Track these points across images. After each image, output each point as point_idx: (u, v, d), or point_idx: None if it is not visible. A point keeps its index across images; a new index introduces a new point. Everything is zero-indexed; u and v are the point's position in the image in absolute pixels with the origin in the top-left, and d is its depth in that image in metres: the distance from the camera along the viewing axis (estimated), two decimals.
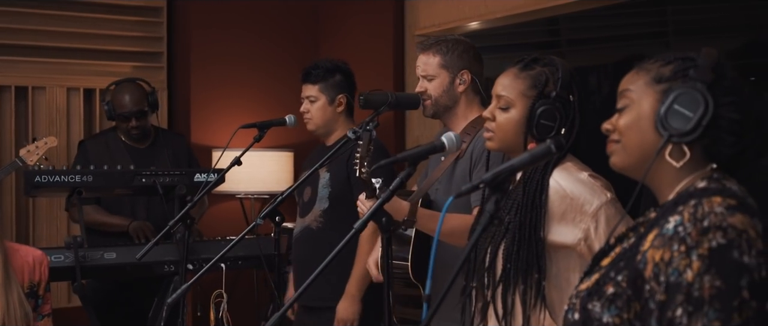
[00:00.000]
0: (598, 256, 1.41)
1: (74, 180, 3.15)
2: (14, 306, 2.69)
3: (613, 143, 1.47)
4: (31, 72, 4.39)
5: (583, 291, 1.33)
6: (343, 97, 3.21)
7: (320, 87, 3.21)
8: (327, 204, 3.15)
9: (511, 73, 2.06)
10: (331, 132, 3.25)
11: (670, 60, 1.36)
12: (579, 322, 1.31)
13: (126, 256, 3.27)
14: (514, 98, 2.02)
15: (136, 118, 3.70)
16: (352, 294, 3.03)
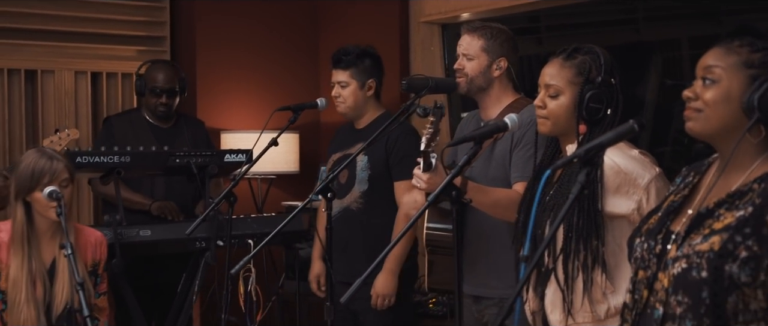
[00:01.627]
0: (703, 216, 1.63)
1: (113, 161, 3.27)
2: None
3: (693, 110, 1.67)
4: (39, 55, 4.45)
5: (705, 251, 1.55)
6: (372, 82, 3.36)
7: (351, 72, 3.35)
8: (367, 185, 3.30)
9: (557, 63, 2.28)
10: (361, 115, 3.40)
11: (759, 48, 1.59)
12: (709, 280, 1.52)
13: (160, 233, 3.41)
14: (562, 86, 2.24)
15: (167, 96, 3.84)
16: (390, 270, 3.20)
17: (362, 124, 3.43)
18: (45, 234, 2.85)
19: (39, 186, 2.77)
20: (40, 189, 2.77)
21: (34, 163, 2.80)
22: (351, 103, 3.37)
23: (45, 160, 2.81)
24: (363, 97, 3.37)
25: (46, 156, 2.84)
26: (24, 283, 2.77)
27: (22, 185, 2.80)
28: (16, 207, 2.82)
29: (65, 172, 2.81)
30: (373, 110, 3.40)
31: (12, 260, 2.78)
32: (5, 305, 2.78)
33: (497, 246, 2.73)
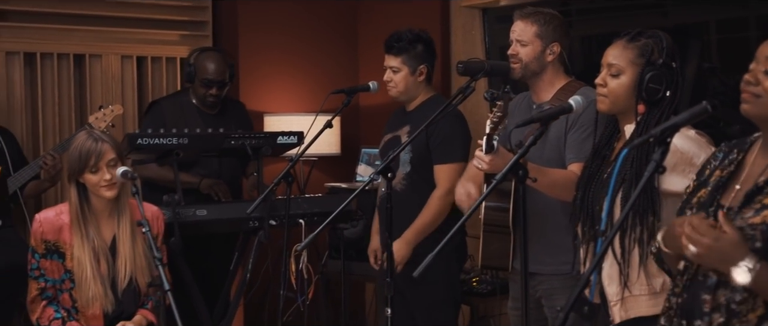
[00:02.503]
0: (754, 192, 1.72)
1: (172, 143, 3.38)
2: (140, 257, 2.95)
3: (751, 95, 1.75)
4: (87, 40, 4.56)
5: (758, 224, 1.64)
6: (423, 67, 3.44)
7: (403, 58, 3.42)
8: (409, 168, 3.40)
9: (620, 44, 2.36)
10: (412, 99, 3.48)
11: None
12: (762, 250, 1.62)
13: (215, 213, 3.51)
14: (624, 66, 2.33)
15: (218, 87, 3.92)
16: (407, 240, 3.31)
17: (411, 107, 3.52)
18: (102, 212, 2.95)
19: (87, 168, 2.86)
20: (90, 171, 2.86)
21: (81, 146, 2.89)
22: (402, 88, 3.45)
23: (91, 142, 2.90)
24: (414, 82, 3.45)
25: (93, 138, 2.92)
26: (88, 261, 2.87)
27: (72, 167, 2.90)
28: (70, 190, 2.92)
29: (111, 152, 2.90)
30: (424, 94, 3.49)
31: (74, 240, 2.89)
32: (73, 283, 2.90)
33: (550, 224, 2.82)
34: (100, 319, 2.93)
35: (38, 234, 2.90)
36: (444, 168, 3.34)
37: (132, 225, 2.94)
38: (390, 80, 3.46)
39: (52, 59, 4.46)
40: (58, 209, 2.95)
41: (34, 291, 2.92)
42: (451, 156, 3.35)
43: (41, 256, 2.90)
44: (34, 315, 2.92)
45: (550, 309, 2.87)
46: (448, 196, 3.29)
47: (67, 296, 2.91)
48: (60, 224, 2.90)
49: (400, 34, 3.44)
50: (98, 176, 2.86)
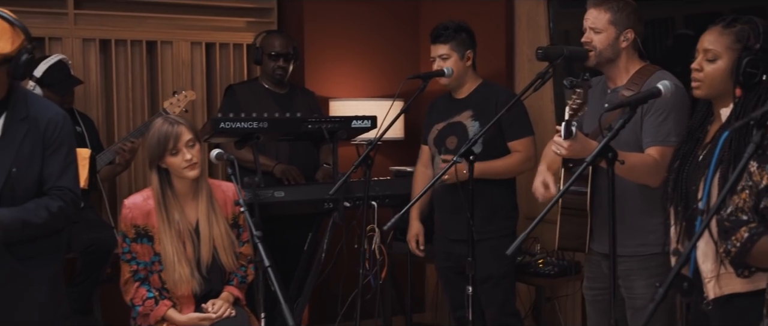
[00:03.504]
0: None
1: (252, 127, 3.50)
2: (221, 235, 3.07)
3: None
4: (159, 27, 4.69)
5: None
6: (470, 53, 3.59)
7: (451, 45, 3.56)
8: (480, 148, 3.49)
9: (716, 30, 2.42)
10: (462, 85, 3.61)
11: None
12: None
13: (292, 194, 3.63)
14: (721, 51, 2.38)
15: (284, 59, 4.11)
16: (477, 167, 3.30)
17: (463, 94, 3.64)
18: (186, 195, 3.07)
19: (167, 151, 2.98)
20: (170, 154, 2.98)
21: (158, 130, 3.01)
22: (454, 75, 3.56)
23: (167, 126, 3.01)
24: (464, 68, 3.58)
25: (169, 122, 3.04)
26: (173, 245, 3.00)
27: (152, 153, 3.01)
28: (152, 175, 3.04)
29: (188, 133, 3.01)
30: (473, 80, 3.63)
31: (160, 224, 3.01)
32: (162, 266, 3.02)
33: (628, 207, 2.88)
34: (190, 298, 3.05)
35: (128, 219, 3.02)
36: (522, 141, 3.54)
37: (213, 206, 3.06)
38: (441, 69, 3.55)
39: (125, 46, 4.60)
40: (145, 194, 3.07)
41: (127, 273, 3.05)
42: (524, 131, 3.56)
43: (132, 240, 3.03)
44: (127, 295, 3.05)
45: (627, 289, 2.94)
46: (527, 162, 3.55)
47: (157, 277, 3.04)
48: (148, 209, 3.02)
49: (445, 24, 3.59)
50: (179, 157, 2.98)
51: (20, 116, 2.58)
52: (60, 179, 2.61)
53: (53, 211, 2.57)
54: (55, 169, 2.61)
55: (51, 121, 2.62)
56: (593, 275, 3.09)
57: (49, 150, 2.60)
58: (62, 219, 2.63)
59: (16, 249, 2.56)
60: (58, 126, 2.62)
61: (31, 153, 2.57)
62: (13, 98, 2.60)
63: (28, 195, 2.58)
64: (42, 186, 2.62)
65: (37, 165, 2.59)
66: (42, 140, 2.59)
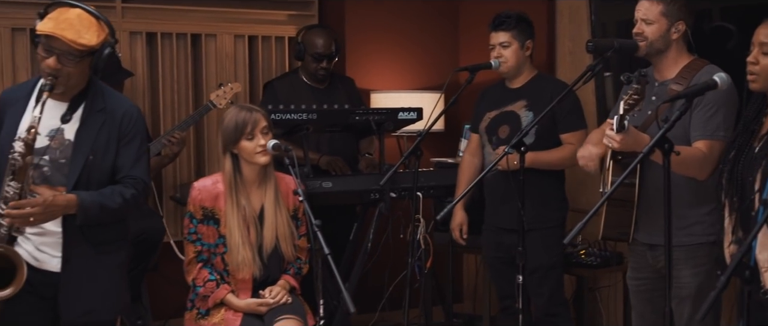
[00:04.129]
0: None
1: (302, 118, 3.56)
2: (283, 224, 3.15)
3: None
4: (203, 20, 4.76)
5: None
6: (530, 43, 3.63)
7: (513, 34, 3.59)
8: (533, 139, 3.53)
9: None
10: (518, 74, 3.65)
11: None
12: None
13: (339, 185, 3.70)
14: None
15: (327, 60, 4.14)
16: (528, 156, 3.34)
17: (518, 84, 3.67)
18: (252, 183, 3.16)
19: (243, 136, 3.07)
20: (246, 138, 3.06)
21: (236, 116, 3.11)
22: (513, 63, 3.60)
23: (245, 112, 3.12)
24: (523, 57, 3.62)
25: (246, 109, 3.15)
26: (239, 228, 3.09)
27: (228, 138, 3.11)
28: (225, 160, 3.13)
29: (264, 120, 3.11)
30: (528, 70, 3.67)
31: (227, 208, 3.10)
32: (226, 248, 3.11)
33: (674, 198, 2.88)
34: (249, 283, 3.14)
35: (197, 200, 3.11)
36: (574, 134, 3.57)
37: (277, 195, 3.15)
38: (500, 56, 3.60)
39: (171, 39, 4.68)
40: (214, 178, 3.17)
41: (191, 253, 3.14)
42: (578, 124, 3.60)
43: (199, 222, 3.12)
44: (189, 276, 3.15)
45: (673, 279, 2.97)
46: None
47: (220, 260, 3.13)
48: (216, 192, 3.11)
49: (507, 12, 3.63)
50: (254, 143, 3.07)
51: (98, 108, 2.70)
52: (133, 169, 2.72)
53: (127, 198, 2.68)
54: (128, 160, 2.72)
55: (126, 113, 2.73)
56: (637, 265, 3.13)
57: (124, 141, 2.72)
58: (134, 206, 2.74)
59: (89, 234, 2.67)
60: (132, 119, 2.74)
61: (106, 143, 2.68)
62: (92, 90, 2.72)
63: (102, 183, 2.69)
64: (115, 175, 2.72)
65: (112, 155, 2.70)
66: (117, 131, 2.70)
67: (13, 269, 2.53)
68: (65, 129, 2.66)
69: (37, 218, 2.54)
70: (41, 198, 2.55)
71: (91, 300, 2.70)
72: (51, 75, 2.57)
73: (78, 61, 2.60)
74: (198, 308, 3.16)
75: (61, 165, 2.65)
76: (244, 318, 3.10)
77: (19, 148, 2.51)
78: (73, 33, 2.56)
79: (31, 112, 2.66)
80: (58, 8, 2.64)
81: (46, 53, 2.59)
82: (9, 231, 2.55)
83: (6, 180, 2.53)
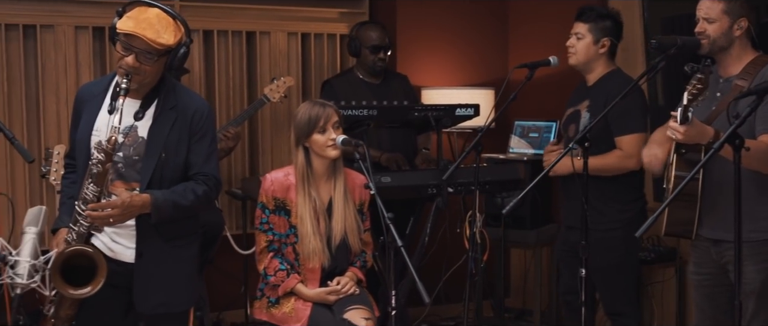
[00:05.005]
0: None
1: (363, 114, 3.63)
2: (351, 217, 3.22)
3: None
4: (257, 18, 4.85)
5: None
6: (606, 40, 3.57)
7: (589, 26, 3.57)
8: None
9: None
10: (591, 70, 3.62)
11: None
12: None
13: (398, 180, 3.76)
14: None
15: (383, 51, 4.23)
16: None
17: (591, 81, 3.66)
18: (322, 175, 3.24)
19: (316, 130, 3.15)
20: (319, 131, 3.14)
21: (309, 110, 3.19)
22: (582, 56, 3.60)
23: (318, 107, 3.20)
24: (595, 52, 3.59)
25: (318, 104, 3.23)
26: (309, 219, 3.17)
27: (301, 131, 3.19)
28: (297, 153, 3.21)
29: (336, 115, 3.19)
30: (603, 67, 3.62)
31: (298, 199, 3.18)
32: (297, 238, 3.19)
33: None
34: (318, 273, 3.22)
35: (269, 191, 3.20)
36: (625, 138, 3.49)
37: (345, 189, 3.22)
38: (572, 46, 3.61)
39: (226, 36, 4.77)
40: (286, 170, 3.25)
41: (263, 242, 3.23)
42: (631, 127, 3.50)
43: (271, 212, 3.20)
44: (260, 265, 3.23)
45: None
46: (628, 160, 3.49)
47: (291, 249, 3.21)
48: (288, 184, 3.20)
49: (591, 6, 3.63)
50: (325, 136, 3.15)
51: (169, 105, 2.75)
52: (205, 166, 2.78)
53: (199, 195, 2.74)
54: (200, 156, 2.78)
55: (197, 111, 2.78)
56: (700, 260, 3.15)
57: (195, 138, 2.77)
58: (206, 202, 2.80)
59: (163, 230, 2.73)
60: (203, 116, 2.79)
61: (178, 140, 2.74)
62: (164, 88, 2.77)
63: (174, 180, 2.75)
64: (187, 172, 2.78)
65: (183, 152, 2.75)
66: (188, 129, 2.75)
67: (93, 268, 2.61)
68: (138, 126, 2.72)
69: (115, 219, 2.61)
70: (119, 200, 2.61)
71: (165, 292, 2.77)
72: (128, 72, 2.63)
73: (156, 60, 2.66)
74: (268, 297, 3.24)
75: (135, 161, 2.72)
76: (314, 307, 3.17)
77: (101, 156, 2.57)
78: (153, 32, 2.61)
79: (106, 109, 2.74)
80: (137, 7, 2.69)
81: (124, 51, 2.64)
82: (88, 229, 2.63)
83: (86, 183, 2.61)
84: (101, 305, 2.74)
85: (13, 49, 4.31)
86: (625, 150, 3.50)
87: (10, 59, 4.31)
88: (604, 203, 3.54)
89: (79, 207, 2.61)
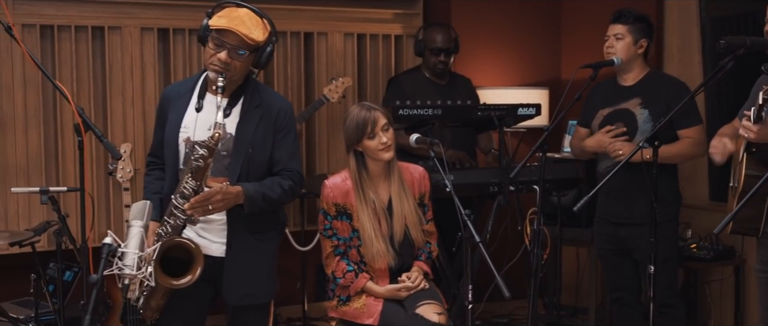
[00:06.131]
0: None
1: (428, 113, 3.70)
2: (411, 212, 3.29)
3: None
4: (315, 19, 4.94)
5: None
6: (644, 41, 3.70)
7: (628, 28, 3.68)
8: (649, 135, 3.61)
9: None
10: (630, 70, 3.72)
11: None
12: None
13: (460, 178, 3.81)
14: None
15: (445, 54, 4.29)
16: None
17: (629, 81, 3.75)
18: (379, 176, 3.30)
19: (365, 135, 3.20)
20: (367, 137, 3.20)
21: (357, 117, 3.24)
22: (623, 56, 3.70)
23: (365, 112, 3.24)
24: (634, 53, 3.70)
25: (365, 108, 3.27)
26: (371, 221, 3.23)
27: (351, 137, 3.25)
28: (350, 158, 3.27)
29: (383, 118, 3.24)
30: (640, 68, 3.74)
31: (357, 203, 3.24)
32: (360, 241, 3.26)
33: None
34: (386, 272, 3.29)
35: (330, 198, 3.26)
36: (692, 130, 3.63)
37: (402, 185, 3.28)
38: (612, 46, 3.70)
39: (284, 37, 4.86)
40: (343, 175, 3.31)
41: (329, 248, 3.29)
42: (693, 120, 3.65)
43: (333, 217, 3.27)
44: (329, 269, 3.30)
45: None
46: (698, 147, 3.65)
47: (355, 252, 3.27)
48: (346, 188, 3.26)
49: (628, 9, 3.73)
50: (375, 141, 3.21)
51: (255, 103, 2.85)
52: (289, 162, 2.88)
53: (285, 189, 2.84)
54: (285, 153, 2.88)
55: (281, 109, 2.88)
56: (766, 258, 3.19)
57: (279, 135, 2.87)
58: (291, 197, 2.90)
59: (249, 223, 2.83)
60: (287, 114, 2.89)
61: (263, 136, 2.83)
62: (250, 87, 2.87)
63: (259, 175, 2.85)
64: (272, 168, 2.88)
65: (268, 148, 2.85)
66: (273, 126, 2.85)
67: (189, 260, 2.71)
68: (226, 123, 2.81)
69: (215, 206, 2.71)
70: (218, 187, 2.72)
71: (250, 284, 2.86)
72: (221, 68, 2.73)
73: (246, 56, 2.76)
74: (339, 296, 3.31)
75: (223, 157, 2.81)
76: (385, 303, 3.24)
77: (203, 152, 2.67)
78: (245, 28, 2.73)
79: (194, 107, 2.84)
80: (228, 7, 2.81)
81: (217, 48, 2.75)
82: (184, 222, 2.73)
83: (185, 177, 2.71)
84: (188, 297, 2.84)
85: (81, 50, 4.44)
86: (695, 137, 3.65)
87: (79, 60, 4.44)
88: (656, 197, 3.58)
89: (176, 201, 2.71)
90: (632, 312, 3.84)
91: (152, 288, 2.67)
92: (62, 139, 4.43)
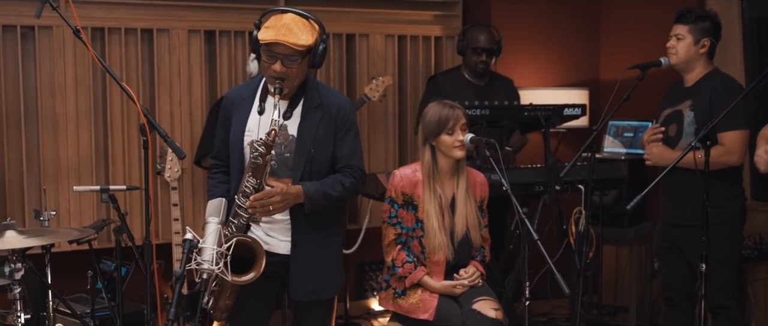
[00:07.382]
0: None
1: (476, 114, 3.76)
2: (473, 215, 3.35)
3: None
4: (357, 21, 5.00)
5: None
6: (706, 41, 3.66)
7: (689, 27, 3.65)
8: (692, 138, 3.63)
9: None
10: (690, 69, 3.69)
11: None
12: None
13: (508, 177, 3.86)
14: None
15: (487, 54, 4.34)
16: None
17: (690, 82, 3.72)
18: (446, 173, 3.37)
19: (444, 130, 3.28)
20: (447, 133, 3.27)
21: (439, 112, 3.32)
22: (682, 56, 3.68)
23: (448, 109, 3.32)
24: (695, 53, 3.66)
25: (448, 106, 3.35)
26: (435, 214, 3.30)
27: (430, 131, 3.33)
28: (425, 151, 3.34)
29: (464, 117, 3.31)
30: (702, 67, 3.69)
31: (425, 195, 3.31)
32: (423, 232, 3.33)
33: None
34: (442, 265, 3.36)
35: (399, 187, 3.34)
36: (729, 134, 3.55)
37: (467, 187, 3.35)
38: (672, 47, 3.69)
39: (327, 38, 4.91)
40: (413, 167, 3.39)
41: (391, 235, 3.37)
42: (735, 123, 3.55)
43: (400, 206, 3.34)
44: (388, 257, 3.37)
45: None
46: (729, 155, 3.55)
47: (417, 242, 3.35)
48: (415, 180, 3.34)
49: (690, 8, 3.70)
50: (453, 137, 3.28)
51: (315, 103, 2.91)
52: (351, 159, 2.94)
53: (346, 186, 2.90)
54: (345, 150, 2.94)
55: (341, 107, 2.94)
56: None
57: (340, 133, 2.93)
58: (353, 193, 2.96)
59: (312, 220, 2.89)
60: (346, 112, 2.94)
61: (325, 135, 2.89)
62: (309, 87, 2.93)
63: (322, 174, 2.91)
64: (334, 165, 2.94)
65: (330, 147, 2.91)
66: (334, 125, 2.91)
67: (253, 257, 2.77)
68: (287, 125, 2.88)
69: (276, 206, 2.78)
70: (278, 188, 2.78)
71: (316, 279, 2.93)
72: (278, 78, 2.79)
73: (300, 61, 2.82)
74: (394, 288, 3.38)
75: (286, 159, 2.88)
76: (441, 299, 3.30)
77: (261, 149, 2.73)
78: (293, 36, 2.76)
79: (256, 111, 2.91)
80: (273, 15, 2.84)
81: (270, 59, 2.80)
82: (248, 221, 2.80)
83: (246, 176, 2.78)
84: (256, 295, 2.92)
85: (131, 51, 4.53)
86: (727, 145, 3.56)
87: (129, 61, 4.53)
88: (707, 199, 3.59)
89: (238, 200, 2.78)
90: (680, 314, 3.83)
91: (219, 288, 2.74)
92: (112, 138, 4.52)
